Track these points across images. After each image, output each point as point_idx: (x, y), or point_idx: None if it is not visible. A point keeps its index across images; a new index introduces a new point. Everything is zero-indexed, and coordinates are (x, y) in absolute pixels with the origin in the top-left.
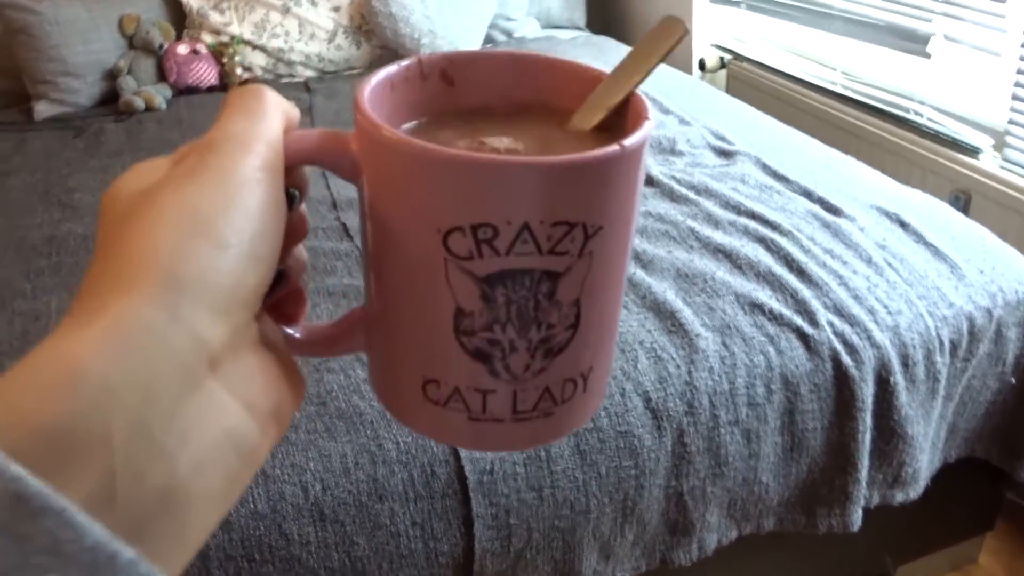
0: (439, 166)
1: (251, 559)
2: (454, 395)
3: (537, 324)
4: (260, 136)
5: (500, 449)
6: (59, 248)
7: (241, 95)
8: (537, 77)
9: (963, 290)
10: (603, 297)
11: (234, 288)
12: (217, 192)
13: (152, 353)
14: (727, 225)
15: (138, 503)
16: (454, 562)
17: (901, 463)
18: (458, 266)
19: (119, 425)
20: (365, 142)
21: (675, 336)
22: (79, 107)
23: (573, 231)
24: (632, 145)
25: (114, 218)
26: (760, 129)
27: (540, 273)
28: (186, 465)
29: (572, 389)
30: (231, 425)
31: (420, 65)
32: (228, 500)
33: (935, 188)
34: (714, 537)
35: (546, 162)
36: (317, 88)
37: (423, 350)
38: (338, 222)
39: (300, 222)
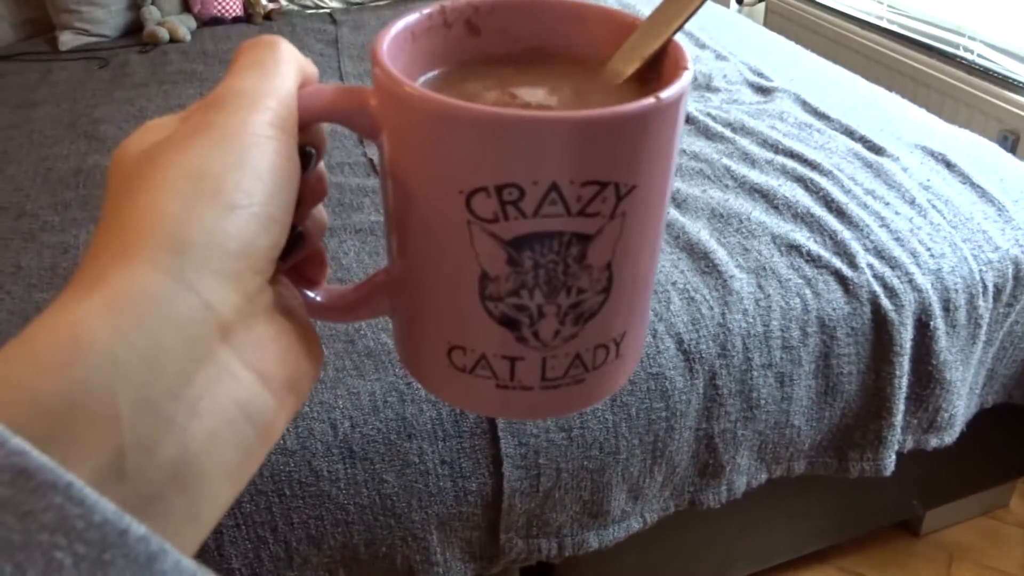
0: (459, 123)
1: (281, 494)
2: (481, 362)
3: (567, 289)
4: (271, 92)
5: (529, 417)
6: (86, 180)
7: (252, 48)
8: (567, 24)
9: (1010, 233)
10: (637, 260)
11: (244, 251)
12: (224, 151)
13: (157, 322)
14: (764, 164)
15: (148, 478)
16: (483, 500)
17: (937, 408)
18: (483, 229)
19: (125, 398)
20: (383, 97)
21: (709, 277)
22: (104, 37)
23: (605, 191)
24: (669, 98)
25: (119, 181)
26: (800, 65)
27: (569, 235)
28: (197, 438)
29: (604, 355)
30: (245, 396)
31: (444, 14)
32: (243, 475)
33: (983, 128)
34: (744, 480)
35: (575, 117)
36: (343, 20)
37: (447, 316)
38: (364, 157)
39: (318, 182)
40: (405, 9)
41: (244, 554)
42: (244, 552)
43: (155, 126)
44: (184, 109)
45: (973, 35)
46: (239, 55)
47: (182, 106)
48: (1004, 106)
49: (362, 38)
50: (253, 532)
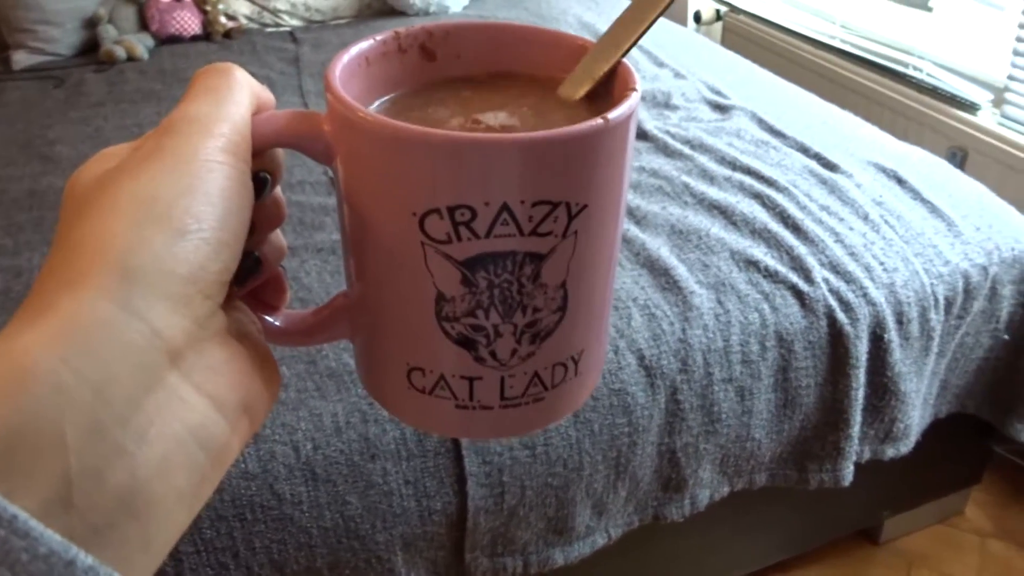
0: (410, 146)
1: (243, 519)
2: (440, 383)
3: (522, 308)
4: (224, 118)
5: (491, 436)
6: (40, 202)
7: (207, 74)
8: (521, 48)
9: (959, 247)
10: (591, 278)
11: (194, 276)
12: (175, 176)
13: (104, 350)
14: (722, 181)
15: (97, 507)
16: (447, 519)
17: (893, 419)
18: (436, 250)
19: (73, 426)
20: (336, 122)
21: (669, 293)
22: (59, 56)
23: (556, 211)
24: (617, 118)
25: (71, 208)
26: (756, 83)
27: (523, 255)
28: (147, 465)
29: (563, 373)
30: (196, 421)
31: (398, 39)
32: (197, 500)
33: (932, 144)
34: (706, 493)
35: (522, 139)
36: (303, 38)
37: (406, 337)
38: (326, 176)
39: (275, 207)
40: (366, 27)
41: None
42: None
43: (109, 154)
44: (141, 129)
45: (922, 55)
46: (193, 82)
47: (139, 126)
48: (952, 123)
49: (323, 56)
50: (214, 558)
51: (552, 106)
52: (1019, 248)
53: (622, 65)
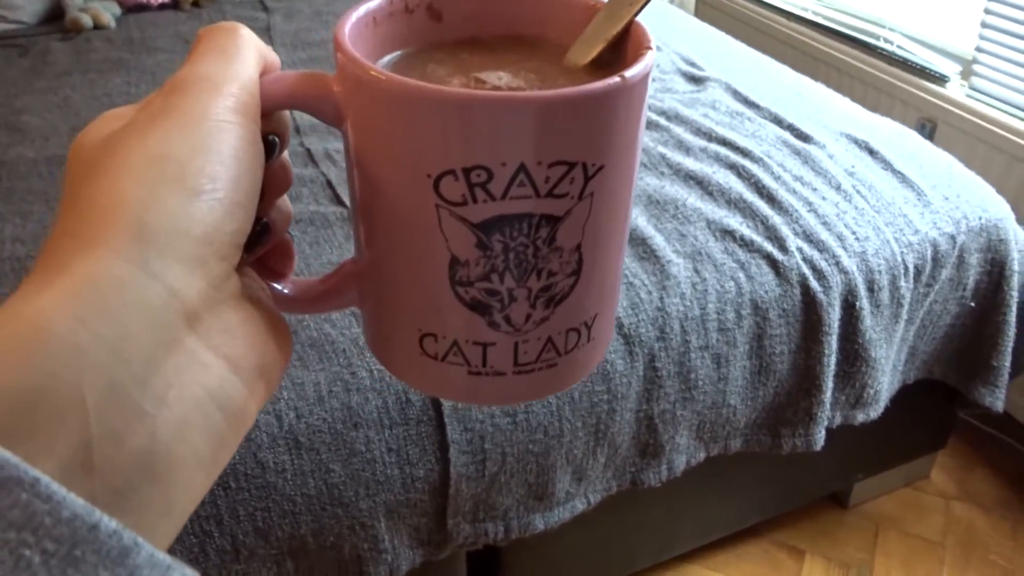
0: (425, 105)
1: (227, 487)
2: (453, 349)
3: (537, 272)
4: (233, 77)
5: (502, 403)
6: (9, 173)
7: (212, 33)
8: (528, 9)
9: (928, 217)
10: (606, 241)
11: (209, 237)
12: (187, 136)
13: (122, 310)
14: (698, 151)
15: (117, 470)
16: (430, 487)
17: (863, 385)
18: (451, 212)
19: (91, 387)
20: (347, 82)
21: (647, 262)
22: (22, 24)
23: (573, 171)
24: (634, 76)
25: (79, 170)
26: (730, 55)
27: (539, 217)
28: (167, 427)
29: (576, 339)
30: (214, 384)
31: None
32: (216, 464)
33: (902, 116)
34: (683, 458)
35: (541, 97)
36: (274, 7)
37: (418, 303)
38: (302, 147)
39: (282, 171)
40: None
41: (189, 549)
42: (189, 547)
43: (114, 115)
44: (111, 98)
45: (893, 27)
46: (199, 40)
47: (108, 95)
48: (922, 95)
49: (295, 26)
50: (198, 526)
51: (557, 70)
52: (986, 217)
53: (635, 25)
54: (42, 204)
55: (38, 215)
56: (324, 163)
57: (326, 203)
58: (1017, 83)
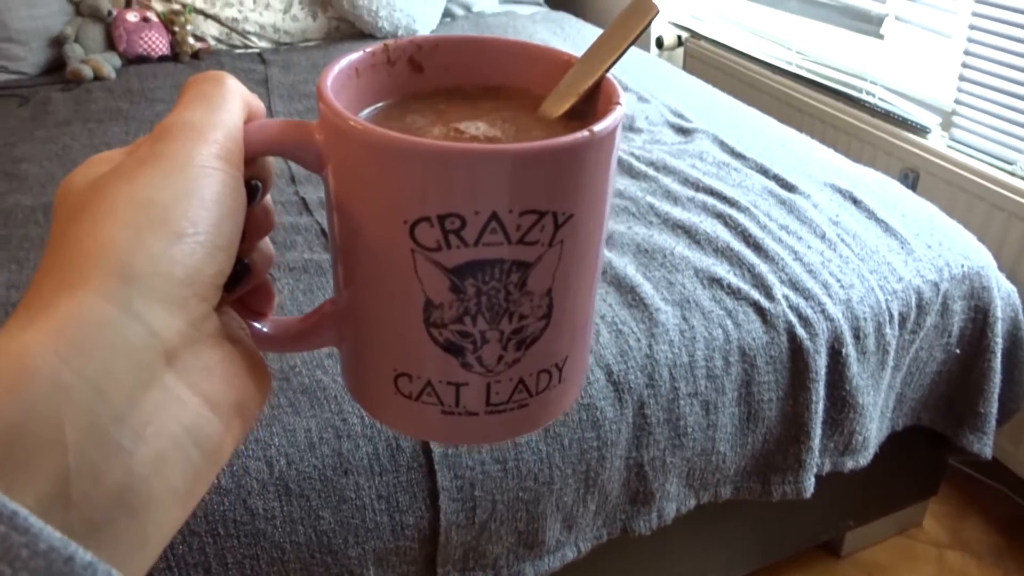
0: (403, 155)
1: (215, 534)
2: (426, 389)
3: (508, 315)
4: (218, 124)
5: (475, 442)
6: (6, 220)
7: (199, 82)
8: (506, 61)
9: (912, 264)
10: (576, 286)
11: (190, 278)
12: (171, 181)
13: (104, 349)
14: (686, 201)
15: (94, 504)
16: (419, 534)
17: (852, 431)
18: (426, 257)
19: (71, 423)
20: (328, 131)
21: (635, 310)
22: (24, 75)
23: (543, 220)
24: (602, 131)
25: (66, 212)
26: (717, 107)
27: (510, 263)
28: (144, 462)
29: (548, 380)
30: (191, 421)
31: (387, 51)
32: (191, 499)
33: (885, 166)
34: (673, 506)
35: (513, 149)
36: (272, 60)
37: (393, 344)
38: (296, 196)
39: (264, 215)
40: (335, 49)
41: None
42: None
43: (101, 159)
44: (109, 147)
45: (874, 80)
46: (186, 89)
47: (107, 144)
48: (904, 146)
49: (292, 78)
50: (186, 574)
51: (531, 121)
52: (968, 265)
53: (606, 80)
54: (38, 252)
55: (34, 262)
56: (319, 212)
57: (320, 251)
58: (995, 134)
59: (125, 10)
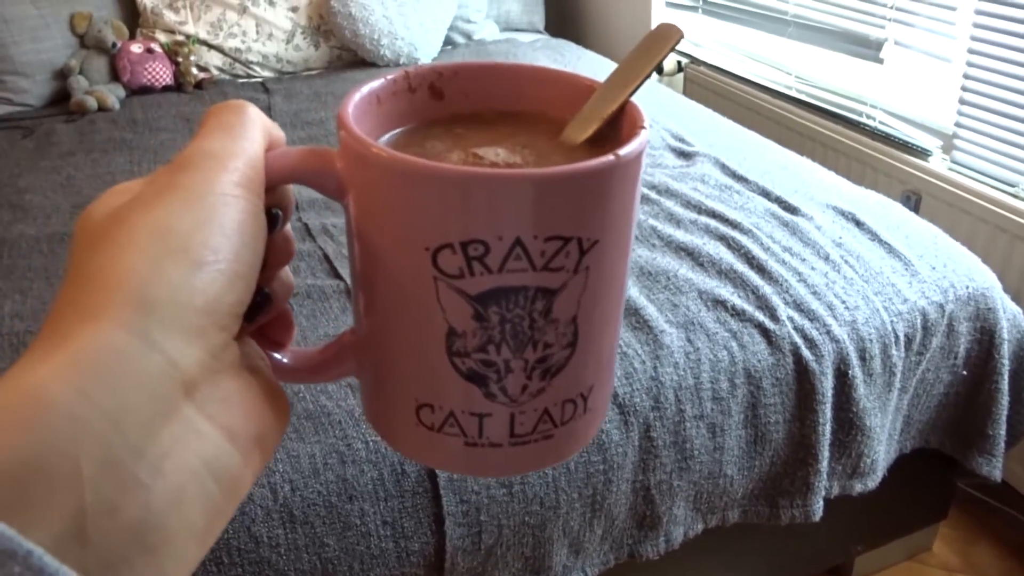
0: (425, 181)
1: (219, 562)
2: (449, 419)
3: (533, 344)
4: (238, 153)
5: (498, 474)
6: (11, 250)
7: (220, 111)
8: (526, 87)
9: (916, 286)
10: (602, 313)
11: (210, 308)
12: (191, 209)
13: (122, 381)
14: (688, 224)
15: (111, 540)
16: (425, 560)
17: (860, 454)
18: (449, 285)
19: (88, 458)
20: (349, 158)
21: (640, 332)
22: (28, 107)
23: (568, 246)
24: (628, 155)
25: (85, 242)
26: (718, 131)
27: (535, 290)
28: (162, 497)
29: (572, 410)
30: (210, 453)
31: (408, 78)
32: (209, 535)
33: (886, 189)
34: (680, 530)
35: (538, 174)
36: (275, 89)
37: (415, 374)
38: (300, 222)
39: (285, 243)
40: (337, 78)
41: None
42: None
43: (121, 189)
44: (113, 177)
45: (875, 104)
46: (207, 118)
47: (111, 174)
48: (905, 168)
49: (294, 106)
50: None
51: (554, 147)
52: (973, 286)
53: (630, 104)
54: (42, 281)
55: (38, 291)
56: (321, 238)
57: (323, 276)
58: (996, 156)
59: (129, 42)
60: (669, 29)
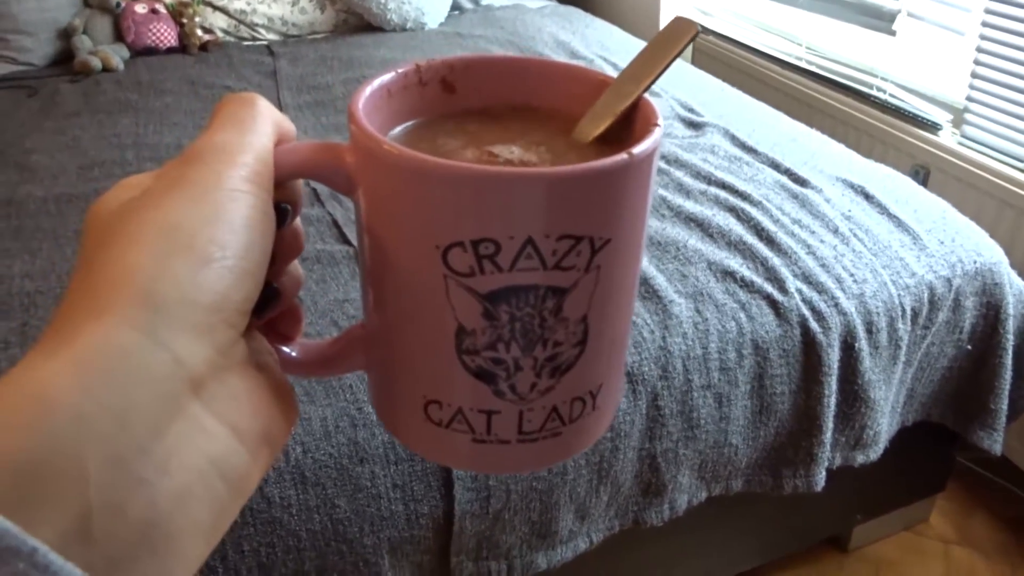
0: (436, 179)
1: (232, 523)
2: (457, 416)
3: (543, 342)
4: (247, 147)
5: (506, 471)
6: (18, 211)
7: (230, 103)
8: (539, 82)
9: (924, 260)
10: (612, 312)
11: (217, 305)
12: (199, 205)
13: (127, 379)
14: (698, 195)
15: (117, 539)
16: (434, 523)
17: (863, 426)
18: (459, 283)
19: (93, 457)
20: (360, 153)
21: (649, 302)
22: (32, 67)
23: (579, 245)
24: (641, 153)
25: (93, 238)
26: (727, 102)
27: (545, 289)
28: (168, 496)
29: (581, 408)
30: (217, 452)
31: (419, 72)
32: (216, 532)
33: (895, 162)
34: (685, 498)
35: (549, 173)
36: (280, 52)
37: (424, 370)
38: (307, 186)
39: (294, 238)
40: (343, 42)
41: None
42: None
43: (130, 183)
44: (120, 139)
45: (885, 76)
46: (217, 111)
47: (117, 136)
48: (915, 142)
49: (300, 70)
50: None
51: (566, 144)
52: (980, 261)
53: (643, 100)
54: (51, 242)
55: (47, 252)
56: (330, 203)
57: (332, 241)
58: (1007, 131)
59: (134, 2)
60: (685, 24)
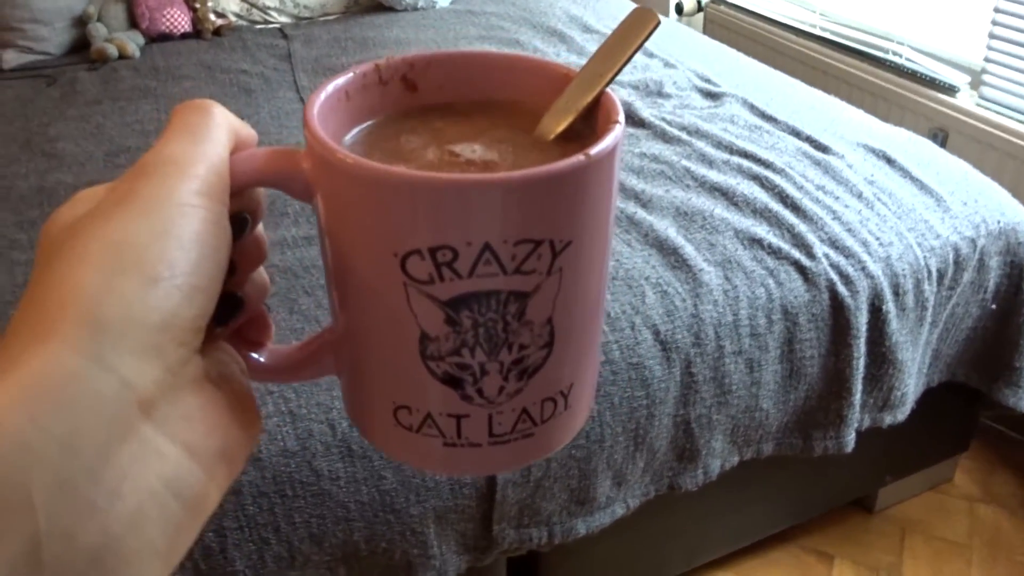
0: (389, 188)
1: (283, 495)
2: (427, 421)
3: (508, 346)
4: (200, 158)
5: (481, 473)
6: (49, 198)
7: (184, 111)
8: (501, 76)
9: (948, 222)
10: (578, 312)
11: (167, 324)
12: (148, 221)
13: (73, 404)
14: (721, 164)
15: (69, 566)
16: (477, 492)
17: (891, 387)
18: (419, 290)
19: (40, 484)
20: (315, 161)
21: (679, 271)
22: (48, 55)
23: (539, 248)
24: (599, 153)
25: (43, 255)
26: (743, 71)
27: (507, 294)
28: (120, 521)
29: (552, 408)
30: (170, 472)
31: (379, 71)
32: (174, 553)
33: (913, 126)
34: (718, 463)
35: (502, 180)
36: (294, 35)
37: (391, 376)
38: None
39: (255, 246)
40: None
41: (248, 556)
42: (248, 554)
43: (85, 197)
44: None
45: (901, 40)
46: (171, 119)
47: (140, 122)
48: (932, 105)
49: (315, 52)
50: (256, 534)
51: (529, 141)
52: (1004, 221)
53: (605, 95)
54: None
55: None
56: None
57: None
58: None
59: None
60: (644, 15)
